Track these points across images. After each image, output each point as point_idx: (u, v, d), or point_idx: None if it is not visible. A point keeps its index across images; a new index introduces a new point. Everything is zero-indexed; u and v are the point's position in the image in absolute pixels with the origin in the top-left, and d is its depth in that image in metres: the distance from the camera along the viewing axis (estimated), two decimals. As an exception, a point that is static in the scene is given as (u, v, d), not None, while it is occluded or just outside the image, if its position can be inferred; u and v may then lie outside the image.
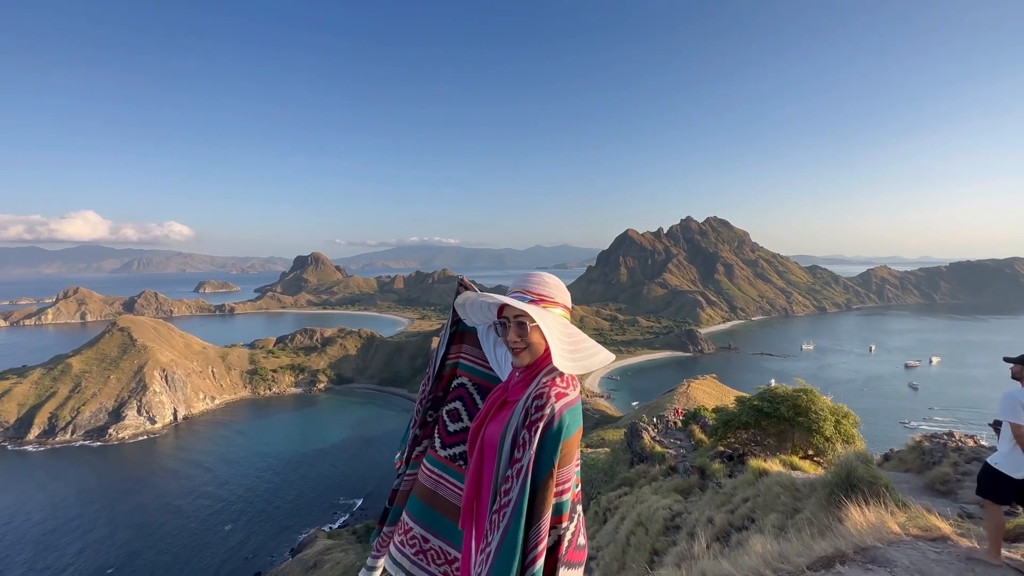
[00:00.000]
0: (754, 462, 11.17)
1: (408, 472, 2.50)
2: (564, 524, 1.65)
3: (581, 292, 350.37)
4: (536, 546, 1.51)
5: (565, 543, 1.66)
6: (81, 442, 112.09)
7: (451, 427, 2.44)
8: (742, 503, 9.57)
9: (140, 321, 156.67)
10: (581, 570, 1.81)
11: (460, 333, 2.63)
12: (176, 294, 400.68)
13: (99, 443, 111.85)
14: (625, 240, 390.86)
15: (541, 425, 1.62)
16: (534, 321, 1.82)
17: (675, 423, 28.19)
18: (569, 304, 2.05)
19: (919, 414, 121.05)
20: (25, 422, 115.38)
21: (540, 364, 1.88)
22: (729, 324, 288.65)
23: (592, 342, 1.91)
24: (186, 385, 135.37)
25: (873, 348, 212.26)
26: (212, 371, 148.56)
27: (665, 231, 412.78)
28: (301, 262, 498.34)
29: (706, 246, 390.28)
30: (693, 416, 26.30)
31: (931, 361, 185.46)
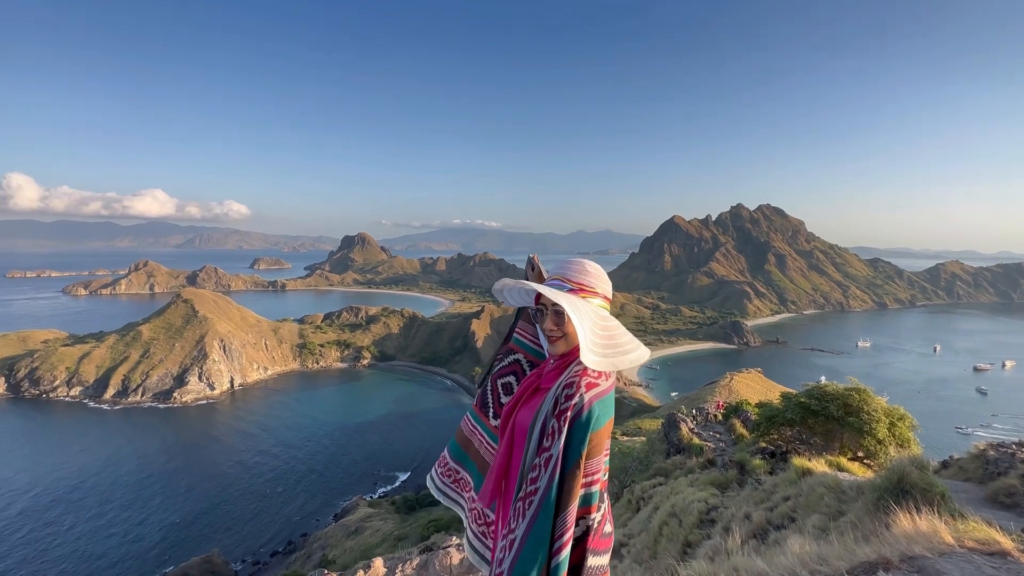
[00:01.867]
0: (798, 460, 10.78)
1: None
2: (593, 515, 1.66)
3: (623, 279, 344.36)
4: (562, 536, 1.52)
5: (592, 532, 1.67)
6: (149, 404, 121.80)
7: (504, 399, 2.49)
8: (782, 501, 9.29)
9: (201, 294, 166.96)
10: (607, 557, 1.81)
11: (525, 308, 2.58)
12: (233, 269, 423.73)
13: (165, 406, 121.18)
14: (671, 227, 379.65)
15: (570, 415, 1.62)
16: None
17: (715, 416, 27.53)
18: (610, 294, 1.99)
19: (982, 420, 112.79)
20: (102, 383, 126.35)
21: (575, 353, 1.86)
22: (778, 317, 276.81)
23: (630, 338, 1.85)
24: (242, 355, 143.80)
25: (938, 348, 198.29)
26: (265, 343, 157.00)
27: (714, 218, 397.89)
28: (348, 242, 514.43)
29: (757, 235, 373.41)
30: (734, 410, 25.57)
31: (1004, 365, 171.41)
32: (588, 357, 1.64)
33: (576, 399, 1.63)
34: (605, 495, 1.82)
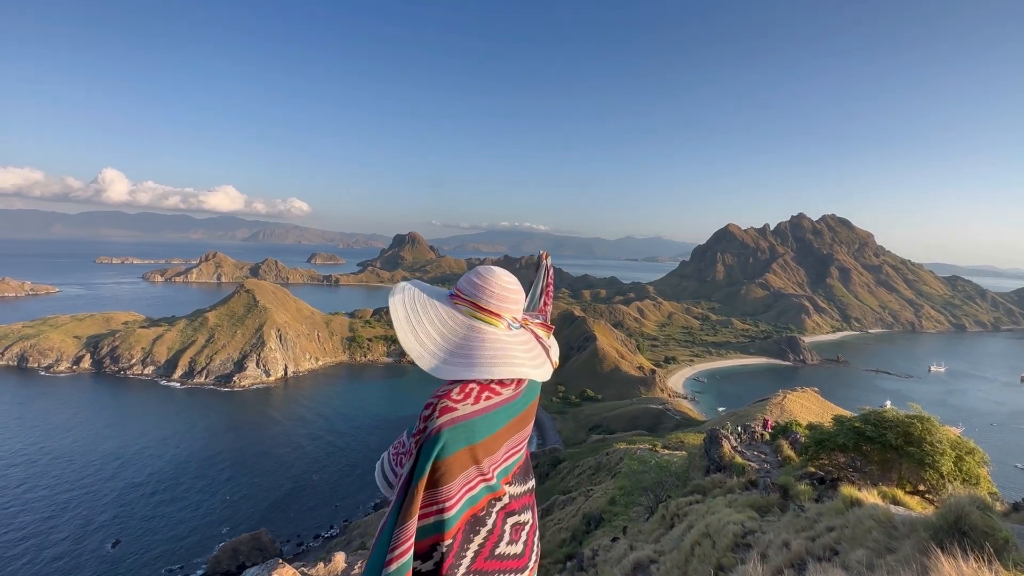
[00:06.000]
0: (847, 489, 10.11)
1: None
2: (446, 541, 1.54)
3: (672, 288, 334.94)
4: (394, 548, 1.48)
5: (453, 558, 1.54)
6: (211, 386, 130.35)
7: None
8: (826, 532, 8.76)
9: (262, 285, 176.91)
10: None
11: None
12: (292, 263, 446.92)
13: (226, 388, 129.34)
14: (725, 235, 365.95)
15: (419, 438, 1.54)
16: None
17: (762, 435, 26.29)
18: (490, 305, 1.80)
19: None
20: (172, 363, 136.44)
21: None
22: (839, 335, 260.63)
23: (504, 354, 1.69)
24: (296, 345, 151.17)
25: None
26: (318, 335, 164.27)
27: (772, 228, 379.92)
28: (399, 240, 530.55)
29: (819, 247, 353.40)
30: (783, 430, 24.33)
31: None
32: (422, 360, 1.62)
33: (428, 423, 1.54)
34: (510, 517, 1.70)
